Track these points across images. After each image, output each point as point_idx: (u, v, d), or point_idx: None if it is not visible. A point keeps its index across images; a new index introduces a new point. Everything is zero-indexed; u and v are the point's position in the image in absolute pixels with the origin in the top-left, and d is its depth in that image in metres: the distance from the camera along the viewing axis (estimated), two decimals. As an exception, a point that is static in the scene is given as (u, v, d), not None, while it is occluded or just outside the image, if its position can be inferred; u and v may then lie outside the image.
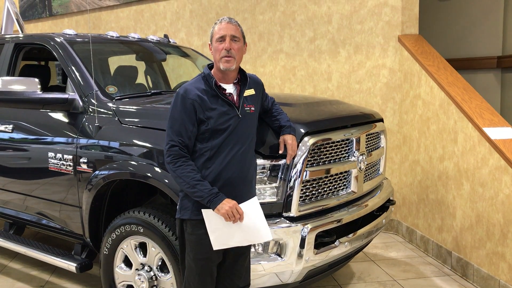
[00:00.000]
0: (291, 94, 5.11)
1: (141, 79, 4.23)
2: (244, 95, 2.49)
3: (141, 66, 4.32)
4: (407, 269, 4.07)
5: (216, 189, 2.32)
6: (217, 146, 2.36)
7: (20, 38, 4.00)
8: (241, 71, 2.55)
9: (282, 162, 2.64)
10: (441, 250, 4.17)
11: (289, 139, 2.61)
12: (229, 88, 2.47)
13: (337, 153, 2.95)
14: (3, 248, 4.02)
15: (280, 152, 2.61)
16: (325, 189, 2.88)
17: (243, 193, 2.40)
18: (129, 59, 4.40)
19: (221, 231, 2.32)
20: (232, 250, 2.44)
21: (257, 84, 2.63)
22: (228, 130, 2.38)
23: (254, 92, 2.56)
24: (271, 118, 2.74)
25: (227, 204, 2.28)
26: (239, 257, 2.50)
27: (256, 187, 2.61)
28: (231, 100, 2.43)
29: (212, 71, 2.48)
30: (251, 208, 2.35)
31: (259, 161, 2.61)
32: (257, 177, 2.61)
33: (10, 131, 3.66)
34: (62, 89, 3.93)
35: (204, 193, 2.29)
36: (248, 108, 2.48)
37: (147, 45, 4.31)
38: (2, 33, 5.85)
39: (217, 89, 2.41)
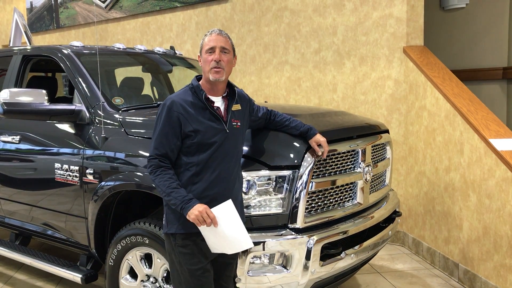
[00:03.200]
0: (296, 105, 5.12)
1: (147, 90, 4.26)
2: (232, 109, 2.45)
3: (147, 78, 4.35)
4: (414, 281, 4.03)
5: (190, 195, 2.27)
6: (203, 162, 2.33)
7: (28, 50, 4.04)
8: (229, 85, 2.50)
9: (287, 173, 2.63)
10: (448, 262, 4.13)
11: (321, 138, 2.68)
12: (217, 102, 2.43)
13: (343, 164, 2.94)
14: (9, 258, 4.03)
15: (322, 156, 2.68)
16: (331, 200, 2.88)
17: None
18: (135, 71, 4.43)
19: (211, 236, 2.27)
20: (217, 261, 2.43)
21: (244, 100, 2.58)
22: (215, 145, 2.34)
23: (240, 108, 2.51)
24: (283, 127, 2.74)
25: (197, 209, 2.22)
26: (225, 267, 2.48)
27: (262, 198, 2.61)
28: (219, 114, 2.40)
29: (200, 82, 2.44)
30: (224, 212, 2.25)
31: (265, 172, 2.61)
32: (263, 188, 2.61)
33: (17, 142, 3.68)
34: (69, 101, 3.95)
35: (177, 200, 2.25)
36: (235, 123, 2.44)
37: (153, 56, 4.34)
38: (11, 45, 5.92)
39: (206, 101, 2.37)
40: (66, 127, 3.42)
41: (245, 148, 2.68)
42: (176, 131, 2.32)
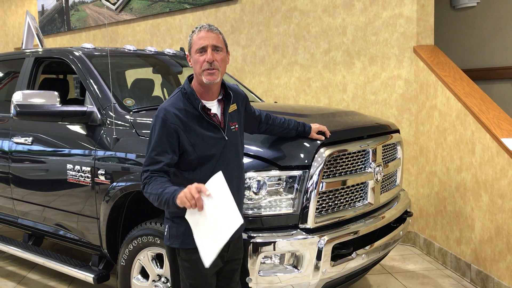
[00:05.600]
0: (306, 105, 5.12)
1: (157, 91, 4.28)
2: (229, 111, 2.30)
3: (157, 79, 4.37)
4: (425, 282, 4.01)
5: (183, 188, 2.03)
6: (207, 177, 2.11)
7: (40, 53, 4.09)
8: (223, 86, 2.32)
9: (298, 173, 2.63)
10: (459, 262, 4.10)
11: (317, 125, 2.76)
12: (214, 107, 2.26)
13: (354, 165, 2.93)
14: (22, 258, 4.07)
15: (326, 135, 2.77)
16: (341, 200, 2.87)
17: None
18: (145, 72, 4.46)
19: (199, 222, 2.02)
20: (223, 269, 2.34)
21: (240, 97, 2.41)
22: (216, 157, 2.20)
23: (236, 107, 2.36)
24: (283, 130, 2.71)
25: (184, 189, 1.99)
26: (232, 273, 2.40)
27: (272, 198, 2.62)
28: (217, 122, 2.24)
29: (192, 84, 2.26)
30: (215, 185, 2.00)
31: (275, 173, 2.61)
32: (273, 188, 2.61)
33: (30, 143, 3.72)
34: (80, 102, 3.99)
35: (168, 195, 2.03)
36: (233, 127, 2.30)
37: (163, 58, 4.37)
38: (23, 47, 5.98)
39: (203, 112, 2.19)
40: (77, 128, 3.45)
41: (255, 149, 2.69)
42: (173, 145, 2.16)
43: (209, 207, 1.99)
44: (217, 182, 2.01)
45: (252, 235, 2.57)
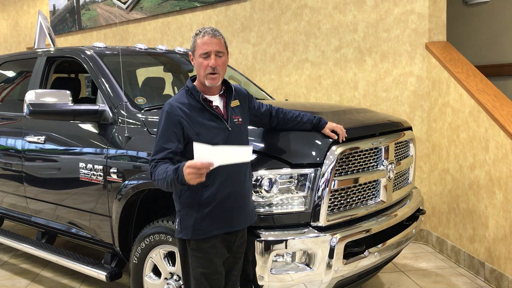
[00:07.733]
0: (317, 103, 5.09)
1: (168, 90, 4.29)
2: (231, 106, 2.42)
3: (168, 77, 4.38)
4: (438, 280, 3.98)
5: (178, 165, 2.12)
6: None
7: (52, 52, 4.11)
8: (224, 82, 2.47)
9: (310, 171, 2.62)
10: (473, 261, 4.06)
11: (333, 124, 2.72)
12: (215, 100, 2.40)
13: (366, 162, 2.91)
14: (36, 256, 4.11)
15: (340, 140, 2.70)
16: (353, 198, 2.85)
17: (240, 208, 2.38)
18: (156, 71, 4.47)
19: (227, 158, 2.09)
20: (226, 261, 2.43)
21: (242, 95, 2.55)
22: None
23: (239, 103, 2.48)
24: (297, 124, 2.73)
25: (186, 169, 2.04)
26: (233, 266, 2.48)
27: (284, 196, 2.61)
28: (219, 113, 2.37)
29: (195, 83, 2.41)
30: (204, 153, 2.02)
31: (287, 170, 2.60)
32: (285, 186, 2.61)
33: (43, 142, 3.75)
34: (92, 101, 4.01)
35: (172, 173, 2.11)
36: (236, 120, 2.41)
37: (174, 56, 4.37)
38: (35, 47, 6.03)
39: (204, 102, 2.34)
40: (89, 127, 3.47)
41: (266, 146, 2.68)
42: (178, 135, 2.28)
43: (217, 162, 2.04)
44: (203, 150, 2.02)
45: (264, 233, 2.57)
